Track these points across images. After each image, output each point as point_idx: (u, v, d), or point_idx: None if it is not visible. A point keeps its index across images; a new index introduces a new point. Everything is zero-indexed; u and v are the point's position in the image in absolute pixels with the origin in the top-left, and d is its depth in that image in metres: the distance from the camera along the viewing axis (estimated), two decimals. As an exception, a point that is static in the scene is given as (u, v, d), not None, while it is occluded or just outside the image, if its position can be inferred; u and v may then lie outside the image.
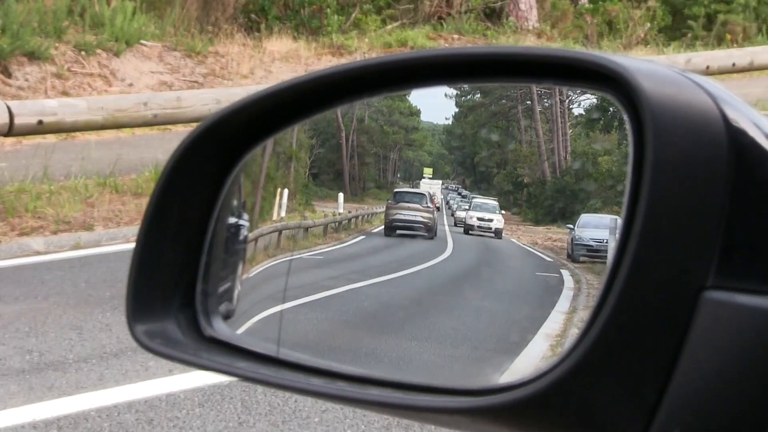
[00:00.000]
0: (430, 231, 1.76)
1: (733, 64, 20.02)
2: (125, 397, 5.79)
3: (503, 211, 1.69)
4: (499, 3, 23.74)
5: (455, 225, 1.82)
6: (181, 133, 14.14)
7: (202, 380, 5.88)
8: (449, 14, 23.35)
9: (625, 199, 1.00)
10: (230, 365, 1.25)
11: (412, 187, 1.87)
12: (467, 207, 1.79)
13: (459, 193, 1.78)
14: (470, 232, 1.79)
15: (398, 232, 1.77)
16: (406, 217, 1.75)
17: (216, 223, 1.33)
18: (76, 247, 9.99)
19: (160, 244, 1.28)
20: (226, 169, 1.33)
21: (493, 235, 1.70)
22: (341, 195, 1.85)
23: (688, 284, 0.97)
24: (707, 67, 19.07)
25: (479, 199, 1.76)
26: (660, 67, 1.05)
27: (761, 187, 0.99)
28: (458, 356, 1.36)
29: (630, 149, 1.02)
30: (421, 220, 1.74)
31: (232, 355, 1.27)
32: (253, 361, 1.26)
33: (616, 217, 1.14)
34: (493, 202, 1.73)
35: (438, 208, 1.79)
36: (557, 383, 0.98)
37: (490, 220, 1.72)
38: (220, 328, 1.32)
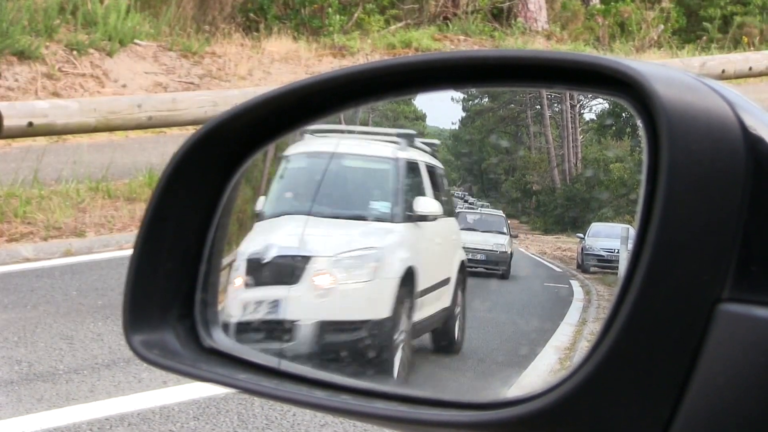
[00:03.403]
0: None
1: (750, 68, 19.53)
2: (117, 409, 5.70)
3: (514, 227, 1.19)
4: (507, 3, 23.57)
5: None
6: (176, 136, 14.07)
7: (197, 392, 5.77)
8: (455, 14, 23.17)
9: (639, 208, 0.99)
10: (230, 377, 1.24)
11: None
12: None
13: (465, 201, 1.78)
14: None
15: None
16: None
17: (216, 231, 1.31)
18: (67, 254, 9.78)
19: (158, 251, 1.26)
20: (226, 175, 1.32)
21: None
22: None
23: (703, 296, 0.96)
24: (723, 71, 18.75)
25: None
26: (675, 73, 1.04)
27: None
28: (465, 369, 1.34)
29: (644, 157, 1.01)
30: None
31: (232, 367, 1.26)
32: (253, 372, 1.24)
33: (628, 226, 1.12)
34: (497, 216, 1.38)
35: None
36: (567, 397, 0.97)
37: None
38: (219, 339, 1.30)
